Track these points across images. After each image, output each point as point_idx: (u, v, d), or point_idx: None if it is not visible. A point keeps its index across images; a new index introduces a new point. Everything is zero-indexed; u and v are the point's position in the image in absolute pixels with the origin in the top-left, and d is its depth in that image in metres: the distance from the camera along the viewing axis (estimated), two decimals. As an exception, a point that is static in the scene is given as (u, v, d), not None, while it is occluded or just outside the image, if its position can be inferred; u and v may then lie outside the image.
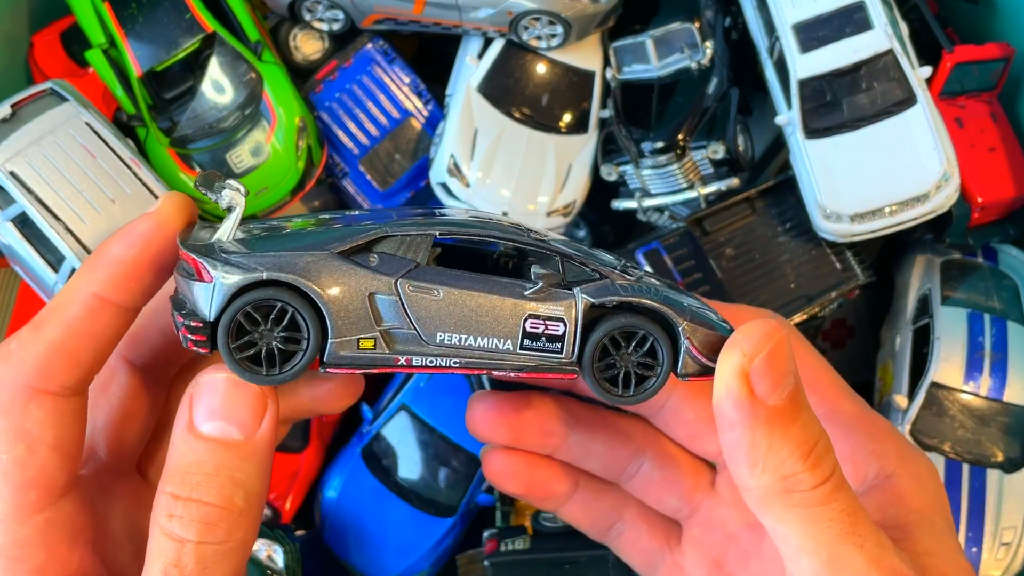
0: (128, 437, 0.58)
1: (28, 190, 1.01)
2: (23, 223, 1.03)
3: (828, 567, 0.45)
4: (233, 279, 0.47)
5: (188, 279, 0.48)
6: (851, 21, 1.11)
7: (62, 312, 0.50)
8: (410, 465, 1.22)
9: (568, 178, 1.23)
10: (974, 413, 1.11)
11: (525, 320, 0.48)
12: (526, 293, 0.48)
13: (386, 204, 1.27)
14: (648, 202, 1.23)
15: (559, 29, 1.18)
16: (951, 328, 1.15)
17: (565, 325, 0.48)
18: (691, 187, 1.21)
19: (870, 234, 1.11)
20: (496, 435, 0.63)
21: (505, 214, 1.19)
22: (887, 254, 1.32)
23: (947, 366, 1.12)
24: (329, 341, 0.48)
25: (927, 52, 1.17)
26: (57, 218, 1.01)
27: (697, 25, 1.23)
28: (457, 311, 0.48)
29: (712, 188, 1.21)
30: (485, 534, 1.13)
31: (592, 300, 0.49)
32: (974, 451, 1.09)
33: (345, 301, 0.48)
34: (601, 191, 1.27)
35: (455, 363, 0.49)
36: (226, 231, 0.50)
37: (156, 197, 1.07)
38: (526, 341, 0.48)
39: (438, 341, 0.48)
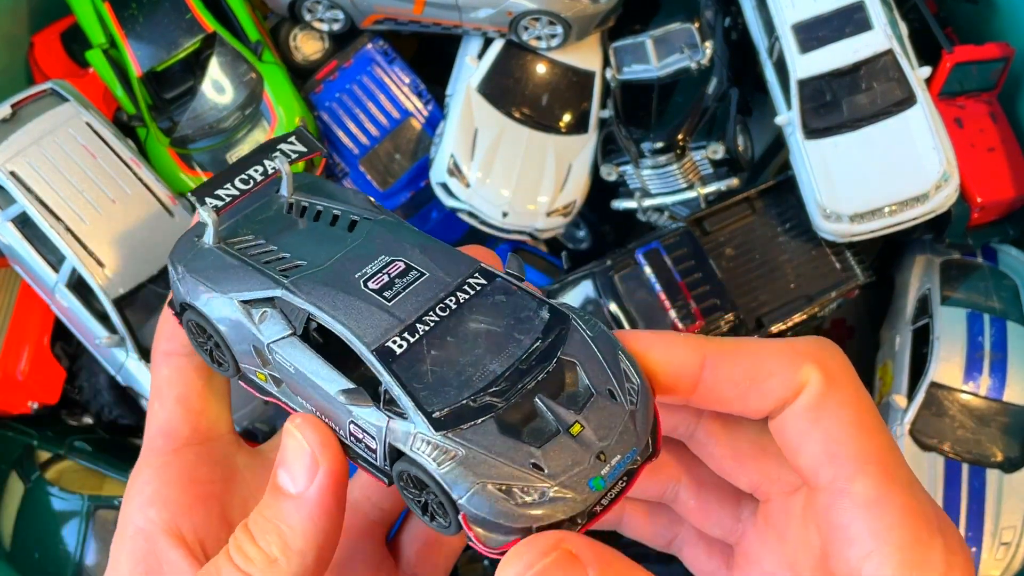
0: None
1: (28, 190, 1.01)
2: (23, 223, 1.03)
3: None
4: (177, 294, 0.54)
5: None
6: (851, 21, 1.11)
7: None
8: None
9: (568, 178, 1.23)
10: (973, 413, 1.11)
11: (349, 423, 0.48)
12: (348, 407, 0.48)
13: (386, 204, 1.27)
14: (648, 202, 1.24)
15: (559, 29, 1.18)
16: (951, 328, 1.15)
17: (375, 442, 0.47)
18: (691, 187, 1.22)
19: (870, 234, 1.11)
20: None
21: (505, 215, 1.19)
22: (887, 254, 1.32)
23: (947, 366, 1.12)
24: (239, 363, 0.53)
25: (927, 52, 1.17)
26: (57, 218, 1.01)
27: (697, 25, 1.23)
28: (305, 389, 0.50)
29: (712, 188, 1.21)
30: (485, 534, 1.13)
31: (390, 442, 0.46)
32: (974, 451, 1.09)
33: (240, 341, 0.52)
34: (601, 191, 1.27)
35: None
36: (209, 237, 0.54)
37: (156, 197, 1.07)
38: (351, 437, 0.49)
39: (298, 401, 0.51)
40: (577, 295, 1.14)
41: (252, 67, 1.18)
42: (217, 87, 1.17)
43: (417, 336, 0.47)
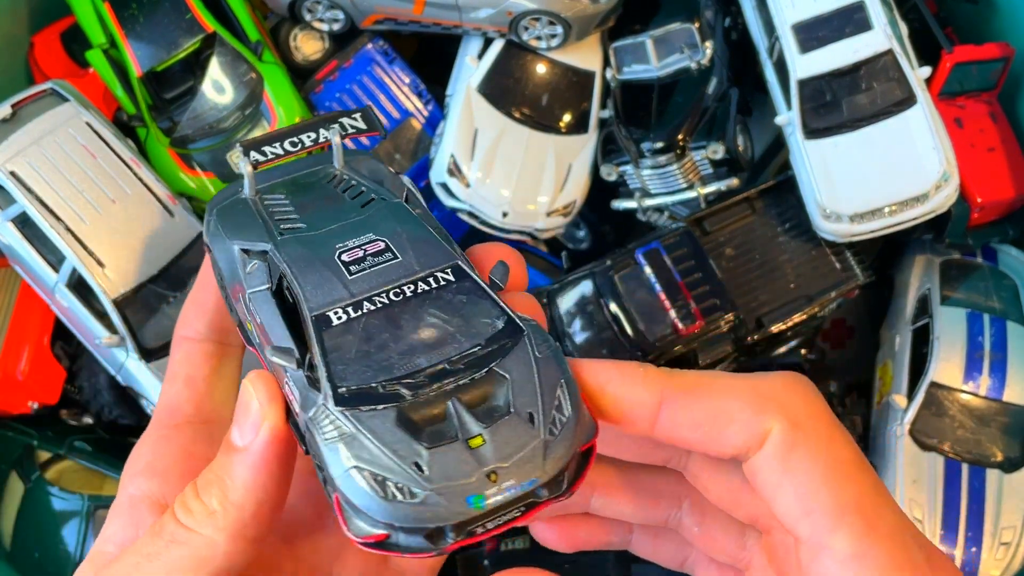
0: None
1: (28, 190, 1.01)
2: (23, 223, 1.03)
3: None
4: (204, 234, 0.56)
5: None
6: (851, 21, 1.11)
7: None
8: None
9: (568, 178, 1.23)
10: (973, 413, 1.11)
11: (285, 383, 0.48)
12: (284, 368, 0.47)
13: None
14: (648, 202, 1.24)
15: (559, 29, 1.18)
16: (950, 328, 1.15)
17: (298, 406, 0.47)
18: (691, 187, 1.22)
19: (870, 234, 1.11)
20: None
21: (505, 215, 1.19)
22: (887, 254, 1.32)
23: (946, 366, 1.12)
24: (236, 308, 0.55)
25: (927, 52, 1.18)
26: (57, 218, 1.01)
27: (697, 25, 1.23)
28: (263, 341, 0.50)
29: (712, 188, 1.21)
30: (485, 534, 1.13)
31: (301, 408, 0.45)
32: (973, 451, 1.09)
33: (233, 288, 0.53)
34: (601, 191, 1.27)
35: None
36: (247, 189, 0.55)
37: (156, 197, 1.07)
38: (288, 398, 0.48)
39: (265, 356, 0.51)
40: (577, 295, 1.14)
41: (252, 67, 1.18)
42: (217, 87, 1.17)
43: (360, 312, 0.46)
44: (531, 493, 0.43)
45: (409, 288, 0.48)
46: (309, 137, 0.55)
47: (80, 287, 1.04)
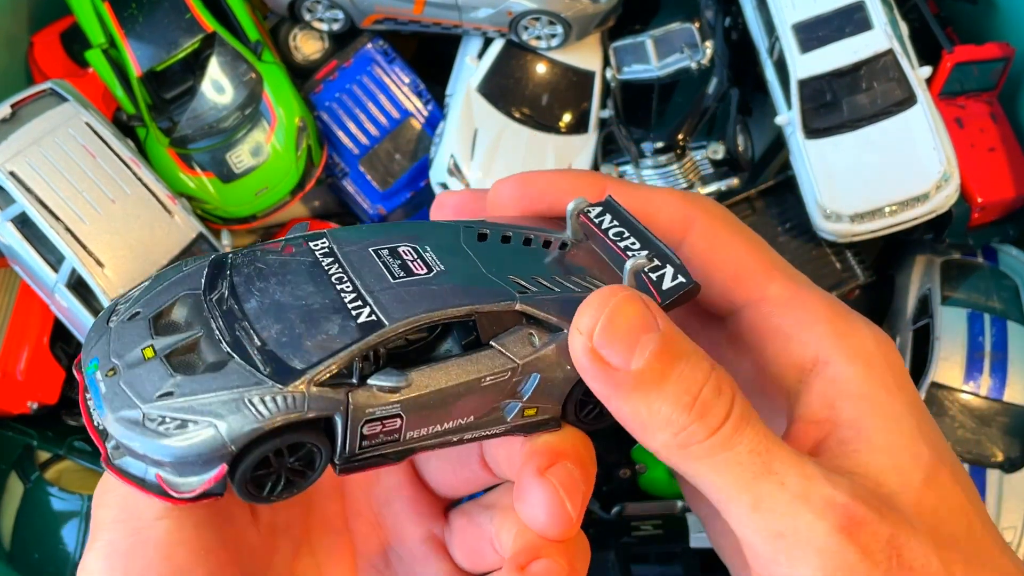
0: None
1: (28, 190, 1.01)
2: (23, 223, 1.03)
3: (755, 511, 0.42)
4: None
5: None
6: (851, 21, 1.11)
7: None
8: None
9: (568, 178, 1.23)
10: (974, 413, 1.11)
11: None
12: None
13: (386, 204, 1.27)
14: (648, 202, 1.23)
15: (559, 29, 1.18)
16: (951, 328, 1.15)
17: None
18: (691, 187, 1.21)
19: (870, 234, 1.11)
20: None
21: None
22: (887, 254, 1.32)
23: (947, 366, 1.12)
24: None
25: (927, 52, 1.17)
26: (57, 218, 1.01)
27: (697, 25, 1.23)
28: None
29: (712, 188, 1.21)
30: (485, 534, 1.13)
31: None
32: (974, 451, 1.09)
33: None
34: (601, 191, 1.26)
35: None
36: (568, 230, 0.56)
37: (156, 197, 1.07)
38: None
39: None
40: (577, 295, 1.14)
41: (252, 67, 1.18)
42: (217, 87, 1.17)
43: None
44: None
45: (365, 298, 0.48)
46: (634, 244, 0.53)
47: (80, 287, 1.04)
